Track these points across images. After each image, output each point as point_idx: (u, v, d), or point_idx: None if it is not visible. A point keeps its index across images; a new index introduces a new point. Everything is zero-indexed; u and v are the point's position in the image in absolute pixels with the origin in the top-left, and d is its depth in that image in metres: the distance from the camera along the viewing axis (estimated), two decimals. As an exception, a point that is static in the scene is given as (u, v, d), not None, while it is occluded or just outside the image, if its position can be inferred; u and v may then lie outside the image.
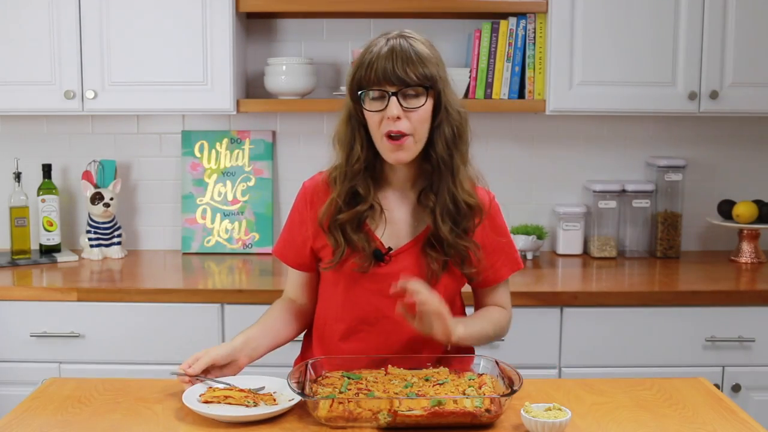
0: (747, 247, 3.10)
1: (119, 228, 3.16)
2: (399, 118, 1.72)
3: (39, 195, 3.10)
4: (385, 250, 1.84)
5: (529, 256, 3.12)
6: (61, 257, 3.07)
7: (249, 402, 1.65)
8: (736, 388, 2.68)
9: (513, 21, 2.98)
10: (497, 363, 1.73)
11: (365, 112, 1.77)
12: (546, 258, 3.17)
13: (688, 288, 2.74)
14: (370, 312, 1.86)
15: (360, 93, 1.76)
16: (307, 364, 1.72)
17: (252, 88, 3.19)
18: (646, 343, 2.67)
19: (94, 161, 3.14)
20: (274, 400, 1.68)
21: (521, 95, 3.01)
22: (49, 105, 2.89)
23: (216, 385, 1.74)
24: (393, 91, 1.72)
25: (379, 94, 1.73)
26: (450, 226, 1.80)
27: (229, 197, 3.22)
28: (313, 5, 2.93)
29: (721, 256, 3.20)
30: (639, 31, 2.88)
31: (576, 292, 2.67)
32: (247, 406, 1.65)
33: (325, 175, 1.89)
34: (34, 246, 3.14)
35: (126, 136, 3.24)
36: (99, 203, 3.08)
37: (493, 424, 1.60)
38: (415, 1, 2.93)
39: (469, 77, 2.99)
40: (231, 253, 3.21)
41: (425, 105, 1.74)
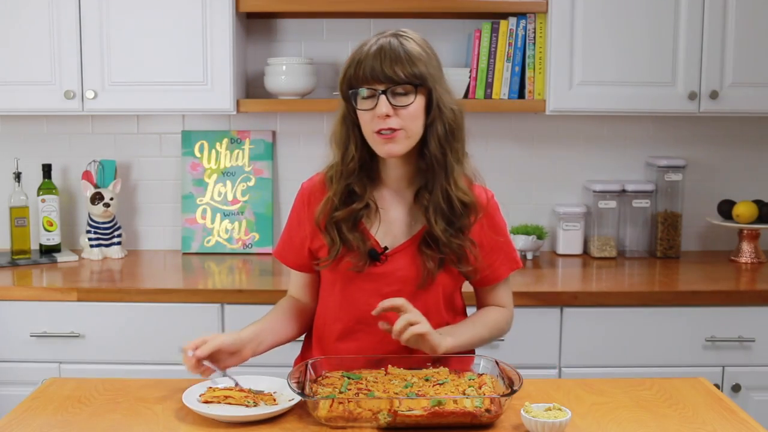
0: (747, 247, 3.10)
1: (119, 228, 3.16)
2: (388, 116, 1.73)
3: (39, 195, 3.10)
4: (380, 249, 1.84)
5: (529, 256, 3.12)
6: (61, 257, 3.07)
7: (249, 402, 1.66)
8: (736, 388, 2.69)
9: (513, 21, 2.98)
10: (497, 363, 1.73)
11: (357, 111, 1.77)
12: (546, 258, 3.17)
13: (688, 288, 2.74)
14: (366, 311, 1.85)
15: (351, 92, 1.77)
16: (307, 364, 1.72)
17: (252, 88, 3.19)
18: (646, 343, 2.67)
19: (94, 161, 3.14)
20: (274, 400, 1.68)
21: (521, 95, 3.01)
22: (49, 105, 2.89)
23: (217, 374, 1.73)
24: (382, 90, 1.72)
25: (369, 93, 1.74)
26: (444, 225, 1.80)
27: (229, 197, 3.22)
28: (313, 5, 2.93)
29: (721, 256, 3.20)
30: (639, 31, 2.88)
31: (576, 292, 2.67)
32: (247, 406, 1.65)
33: (321, 175, 1.90)
34: (34, 246, 3.14)
35: (126, 136, 3.24)
36: (99, 203, 3.08)
37: (493, 424, 1.60)
38: (415, 1, 2.93)
39: (469, 77, 2.99)
40: (231, 253, 3.21)
41: (415, 103, 1.74)
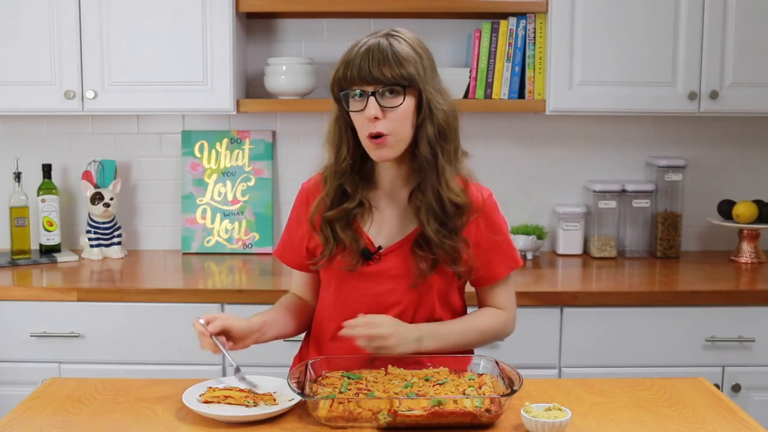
0: (747, 247, 3.10)
1: (119, 228, 3.16)
2: (377, 118, 1.72)
3: (39, 195, 3.10)
4: (374, 248, 1.84)
5: (529, 256, 3.12)
6: (61, 257, 3.07)
7: (249, 402, 1.66)
8: (736, 388, 2.69)
9: (513, 21, 2.98)
10: (497, 363, 1.73)
11: (350, 113, 1.77)
12: (546, 258, 3.17)
13: (688, 288, 2.74)
14: (360, 310, 1.86)
15: (341, 94, 1.76)
16: (307, 364, 1.72)
17: (252, 88, 3.19)
18: (646, 343, 2.67)
19: (94, 161, 3.14)
20: (274, 400, 1.68)
21: (521, 95, 3.01)
22: (49, 105, 2.89)
23: (225, 353, 1.74)
24: (371, 91, 1.72)
25: (360, 94, 1.73)
26: (436, 226, 1.79)
27: (229, 197, 3.22)
28: (313, 5, 2.93)
29: (721, 256, 3.20)
30: (639, 31, 2.88)
31: (576, 292, 2.67)
32: (247, 406, 1.65)
33: (320, 175, 1.90)
34: (34, 246, 3.14)
35: (126, 136, 3.24)
36: (99, 203, 3.08)
37: (493, 424, 1.60)
38: (415, 1, 2.93)
39: (469, 77, 2.99)
40: (231, 253, 3.21)
41: (404, 104, 1.73)
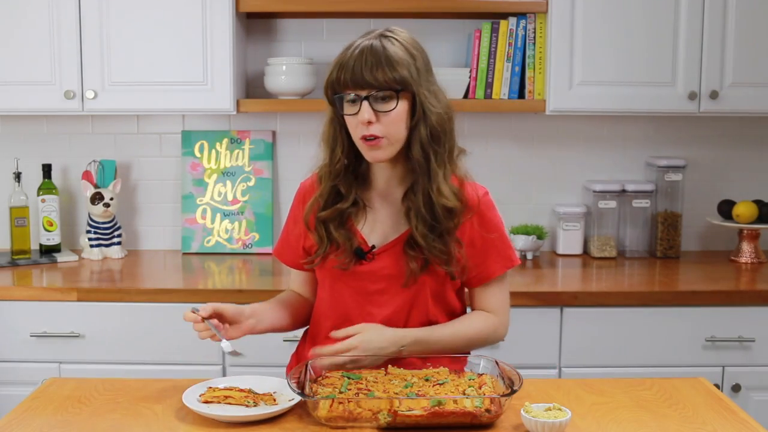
0: (747, 247, 3.10)
1: (119, 228, 3.16)
2: (371, 122, 1.72)
3: (39, 195, 3.10)
4: (367, 248, 1.84)
5: (529, 256, 3.12)
6: (61, 257, 3.07)
7: (249, 402, 1.66)
8: (736, 388, 2.69)
9: (513, 21, 2.98)
10: (497, 363, 1.73)
11: (344, 115, 1.77)
12: (546, 258, 3.17)
13: (688, 288, 2.74)
14: (353, 309, 1.87)
15: (335, 97, 1.76)
16: (307, 364, 1.72)
17: (252, 88, 3.19)
18: (646, 343, 2.67)
19: (94, 161, 3.14)
20: (274, 400, 1.68)
21: (521, 95, 3.01)
22: (49, 105, 2.89)
23: (216, 332, 1.74)
24: (364, 96, 1.71)
25: (352, 98, 1.73)
26: (425, 231, 1.78)
27: (229, 197, 3.22)
28: (313, 5, 2.93)
29: (721, 256, 3.20)
30: (639, 31, 2.88)
31: (576, 292, 2.67)
32: (247, 406, 1.65)
33: (316, 174, 1.90)
34: (34, 246, 3.14)
35: (126, 136, 3.24)
36: (99, 203, 3.08)
37: (493, 424, 1.60)
38: (415, 1, 2.93)
39: (469, 77, 2.99)
40: (231, 253, 3.21)
41: (397, 108, 1.72)
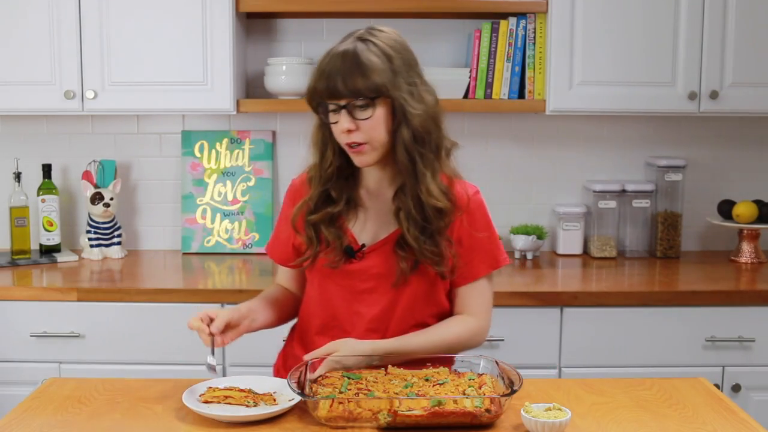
0: (747, 247, 3.10)
1: (119, 228, 3.16)
2: (351, 130, 1.72)
3: (39, 195, 3.10)
4: (357, 246, 1.84)
5: (529, 256, 3.12)
6: (61, 257, 3.07)
7: (249, 402, 1.66)
8: (736, 388, 2.69)
9: (513, 21, 2.98)
10: (497, 363, 1.73)
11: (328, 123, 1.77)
12: (546, 258, 3.17)
13: (688, 288, 2.74)
14: (341, 308, 1.87)
15: (316, 106, 1.76)
16: (307, 364, 1.72)
17: (252, 88, 3.19)
18: (646, 343, 2.67)
19: (94, 161, 3.14)
20: (274, 400, 1.68)
21: (521, 95, 3.01)
22: (49, 105, 2.89)
23: (210, 359, 1.75)
24: (343, 105, 1.71)
25: (333, 107, 1.73)
26: (416, 232, 1.77)
27: (229, 197, 3.22)
28: (313, 5, 2.93)
29: (721, 256, 3.20)
30: (639, 31, 2.88)
31: (576, 292, 2.67)
32: (247, 406, 1.65)
33: (306, 173, 1.90)
34: (34, 246, 3.14)
35: (126, 136, 3.24)
36: (99, 203, 3.08)
37: (493, 424, 1.60)
38: (415, 1, 2.93)
39: (469, 77, 2.99)
40: (231, 253, 3.21)
41: (375, 114, 1.72)
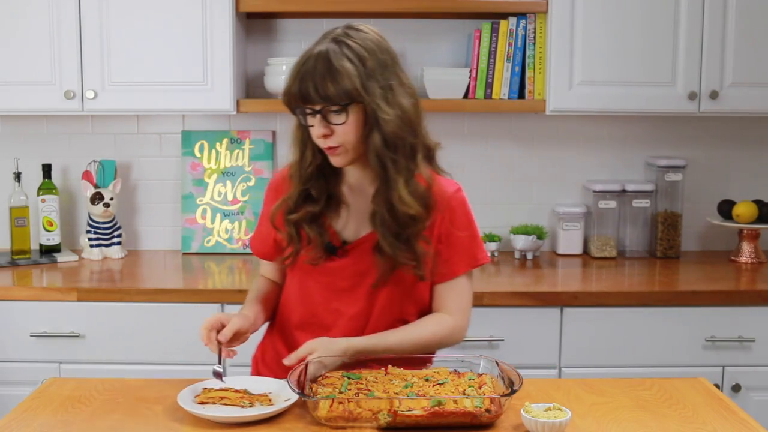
0: (747, 247, 3.10)
1: (119, 228, 3.16)
2: (326, 135, 1.72)
3: (39, 195, 3.10)
4: (339, 243, 1.84)
5: (529, 256, 3.12)
6: (61, 257, 3.07)
7: (245, 403, 1.65)
8: (736, 388, 2.69)
9: (513, 21, 2.98)
10: (497, 363, 1.73)
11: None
12: (546, 258, 3.17)
13: (688, 288, 2.74)
14: (320, 304, 1.87)
15: (293, 109, 1.76)
16: (307, 364, 1.72)
17: (252, 88, 3.19)
18: (646, 343, 2.67)
19: (94, 161, 3.14)
20: (270, 401, 1.68)
21: (521, 95, 3.01)
22: (49, 105, 2.89)
23: (217, 367, 1.75)
24: (317, 109, 1.71)
25: (309, 111, 1.72)
26: (391, 239, 1.77)
27: (229, 197, 3.22)
28: (313, 5, 2.93)
29: (721, 256, 3.20)
30: (639, 31, 2.88)
31: (576, 292, 2.67)
32: (242, 407, 1.65)
33: (287, 168, 1.90)
34: (34, 246, 3.14)
35: (126, 136, 3.24)
36: (99, 203, 3.08)
37: (493, 424, 1.60)
38: (415, 1, 2.93)
39: (469, 77, 2.99)
40: (231, 253, 3.21)
41: (348, 119, 1.71)
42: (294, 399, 1.65)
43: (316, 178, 1.82)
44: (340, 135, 1.73)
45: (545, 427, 1.53)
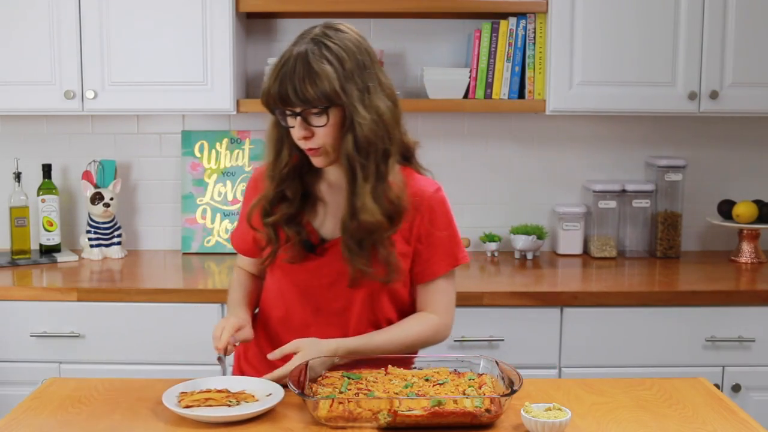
0: (747, 247, 3.10)
1: (119, 228, 3.16)
2: (306, 137, 1.72)
3: (39, 195, 3.10)
4: (317, 241, 1.84)
5: (529, 256, 3.12)
6: (61, 257, 3.07)
7: (231, 402, 1.65)
8: (736, 388, 2.69)
9: (513, 21, 2.98)
10: (497, 363, 1.73)
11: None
12: (546, 258, 3.17)
13: (688, 288, 2.74)
14: (298, 303, 1.88)
15: (272, 110, 1.75)
16: (307, 364, 1.72)
17: (252, 88, 3.19)
18: (646, 343, 2.67)
19: (94, 161, 3.14)
20: (253, 398, 1.68)
21: (521, 95, 3.01)
22: (49, 105, 2.89)
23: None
24: (297, 112, 1.71)
25: (289, 112, 1.72)
26: (351, 245, 1.76)
27: (229, 197, 3.22)
28: (313, 5, 2.93)
29: (721, 256, 3.20)
30: (639, 31, 2.87)
31: (576, 292, 2.67)
32: (229, 406, 1.64)
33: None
34: (34, 246, 3.14)
35: (126, 136, 3.24)
36: (99, 203, 3.08)
37: (493, 424, 1.60)
38: (415, 1, 2.93)
39: (469, 77, 2.99)
40: (231, 253, 3.20)
41: (329, 121, 1.71)
42: (277, 393, 1.67)
43: (291, 179, 1.82)
44: (320, 137, 1.73)
45: (545, 427, 1.53)
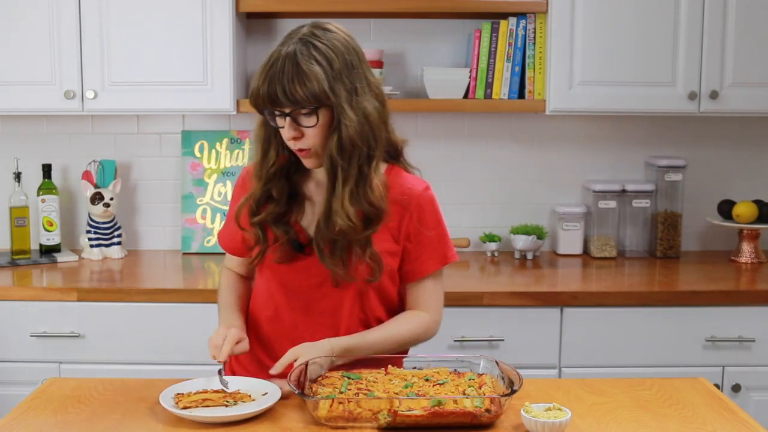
0: (747, 247, 3.10)
1: (119, 228, 3.16)
2: (296, 138, 1.72)
3: (39, 195, 3.10)
4: (306, 240, 1.83)
5: (529, 256, 3.12)
6: (61, 257, 3.07)
7: (229, 402, 1.65)
8: (736, 388, 2.69)
9: (513, 21, 2.98)
10: (497, 363, 1.73)
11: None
12: (546, 258, 3.17)
13: (688, 288, 2.74)
14: (286, 303, 1.87)
15: (261, 110, 1.75)
16: (307, 364, 1.72)
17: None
18: (646, 343, 2.67)
19: (94, 161, 3.14)
20: (250, 397, 1.68)
21: (521, 95, 3.01)
22: (49, 105, 2.89)
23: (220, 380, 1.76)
24: (286, 112, 1.71)
25: (278, 113, 1.72)
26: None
27: (229, 197, 3.22)
28: (313, 5, 2.93)
29: (721, 256, 3.20)
30: (639, 31, 2.87)
31: (576, 292, 2.67)
32: (227, 406, 1.64)
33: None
34: (34, 246, 3.14)
35: (126, 136, 3.24)
36: (99, 203, 3.08)
37: (493, 424, 1.60)
38: (415, 1, 2.93)
39: (469, 77, 2.99)
40: (231, 253, 3.20)
41: (319, 122, 1.71)
42: (273, 392, 1.67)
43: (278, 178, 1.82)
44: (310, 137, 1.73)
45: (545, 427, 1.53)
